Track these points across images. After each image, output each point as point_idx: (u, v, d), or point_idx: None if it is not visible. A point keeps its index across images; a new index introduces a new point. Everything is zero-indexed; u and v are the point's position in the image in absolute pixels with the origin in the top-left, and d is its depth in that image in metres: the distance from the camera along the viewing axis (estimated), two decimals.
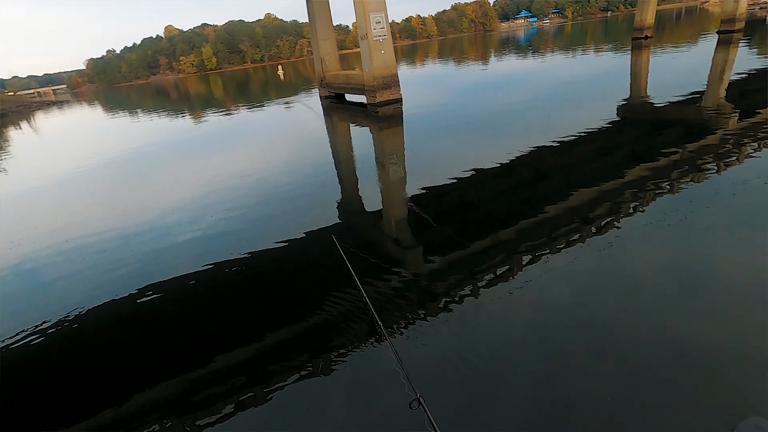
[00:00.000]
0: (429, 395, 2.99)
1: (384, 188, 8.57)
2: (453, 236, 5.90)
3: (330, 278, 5.28)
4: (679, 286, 4.26)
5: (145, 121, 27.34)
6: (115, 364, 4.42)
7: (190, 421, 3.51)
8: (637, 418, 2.94)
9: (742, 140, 7.75)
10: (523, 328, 3.93)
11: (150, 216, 8.64)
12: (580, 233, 5.43)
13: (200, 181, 10.57)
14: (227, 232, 7.15)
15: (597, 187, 6.73)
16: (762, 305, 3.82)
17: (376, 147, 12.13)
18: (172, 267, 6.15)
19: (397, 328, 4.15)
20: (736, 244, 4.82)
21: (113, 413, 3.71)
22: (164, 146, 16.96)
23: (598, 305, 4.11)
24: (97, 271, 6.46)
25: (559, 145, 9.23)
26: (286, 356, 4.06)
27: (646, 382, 3.20)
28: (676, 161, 7.29)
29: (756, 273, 4.27)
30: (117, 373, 4.26)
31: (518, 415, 3.08)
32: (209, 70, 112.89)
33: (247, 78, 63.26)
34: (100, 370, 4.37)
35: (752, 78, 12.52)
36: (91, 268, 6.56)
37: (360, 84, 17.94)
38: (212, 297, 5.39)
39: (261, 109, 23.53)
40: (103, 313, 5.30)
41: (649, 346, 3.52)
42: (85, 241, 7.66)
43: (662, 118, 10.31)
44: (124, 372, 4.25)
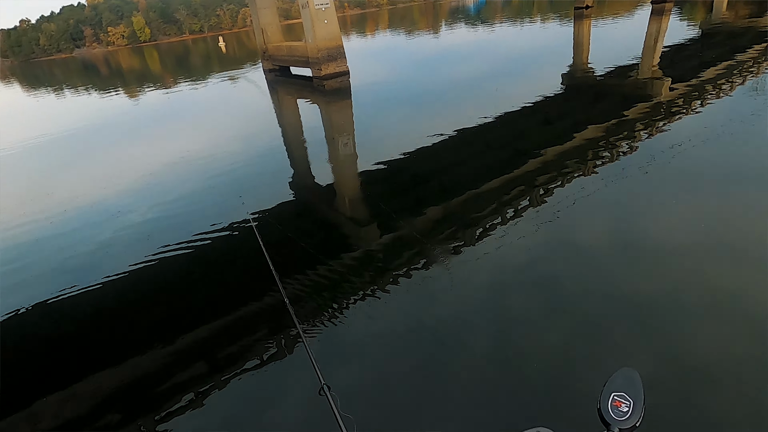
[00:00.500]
0: (390, 360, 3.36)
1: (335, 165, 8.35)
2: (406, 210, 5.85)
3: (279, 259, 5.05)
4: (619, 244, 4.53)
5: (74, 101, 24.93)
6: (47, 359, 4.16)
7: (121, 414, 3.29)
8: (585, 364, 3.15)
9: (673, 107, 8.14)
10: (477, 294, 4.06)
11: (83, 205, 7.94)
12: (528, 200, 5.56)
13: (140, 165, 9.82)
14: (170, 220, 6.68)
15: (543, 157, 6.86)
16: (690, 257, 4.10)
17: (324, 122, 11.71)
18: (110, 259, 5.71)
19: (351, 304, 4.14)
20: (670, 203, 5.09)
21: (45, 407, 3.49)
22: (98, 128, 15.52)
23: (547, 267, 4.29)
24: (20, 266, 5.89)
25: (507, 115, 9.30)
26: (215, 344, 3.91)
27: (592, 331, 3.45)
28: (615, 129, 7.55)
29: (686, 227, 4.57)
30: (50, 368, 4.01)
31: (476, 372, 3.23)
32: (143, 42, 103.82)
33: (186, 51, 58.95)
34: (34, 366, 4.13)
35: (682, 47, 13.18)
36: (11, 263, 5.96)
37: (304, 56, 17.06)
38: (154, 287, 5.09)
39: (203, 85, 22.04)
40: (30, 311, 4.89)
41: (593, 300, 3.77)
42: (10, 234, 6.93)
43: (603, 87, 10.64)
44: (57, 367, 4.00)
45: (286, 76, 19.95)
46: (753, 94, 8.30)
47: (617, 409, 1.04)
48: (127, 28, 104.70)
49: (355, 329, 3.83)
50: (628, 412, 1.03)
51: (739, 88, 8.59)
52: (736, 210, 4.82)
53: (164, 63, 46.02)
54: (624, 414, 1.04)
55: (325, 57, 15.99)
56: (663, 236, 4.52)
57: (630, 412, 1.03)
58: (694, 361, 3.08)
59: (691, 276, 3.91)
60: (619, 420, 1.04)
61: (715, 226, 4.55)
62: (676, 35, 14.37)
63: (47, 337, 4.59)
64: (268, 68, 21.24)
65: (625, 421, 1.03)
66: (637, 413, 1.03)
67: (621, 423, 1.03)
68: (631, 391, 1.07)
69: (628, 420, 1.03)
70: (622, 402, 1.05)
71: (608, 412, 1.06)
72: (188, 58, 47.84)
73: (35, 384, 3.87)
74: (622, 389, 1.08)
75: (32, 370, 4.11)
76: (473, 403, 2.97)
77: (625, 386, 1.08)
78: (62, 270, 5.67)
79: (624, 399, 1.05)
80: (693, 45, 13.31)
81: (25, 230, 7.03)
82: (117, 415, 3.41)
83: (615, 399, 1.06)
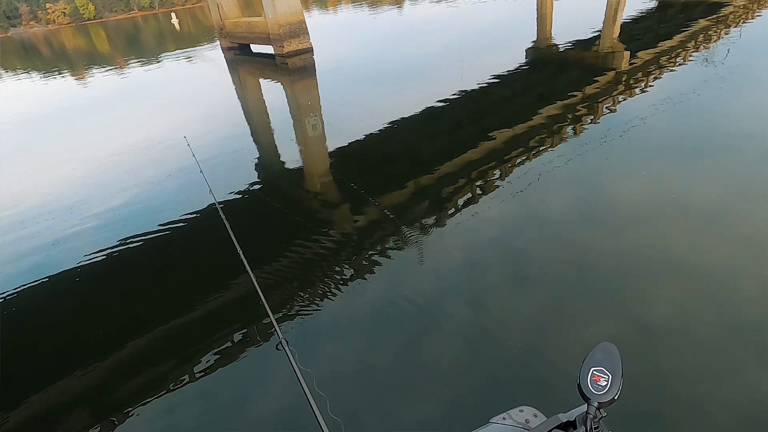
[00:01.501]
0: (374, 337, 3.39)
1: (303, 146, 8.16)
2: (376, 189, 5.82)
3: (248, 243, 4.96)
4: (585, 213, 4.71)
5: (14, 85, 23.01)
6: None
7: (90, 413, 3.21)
8: (554, 331, 3.28)
9: (632, 78, 8.37)
10: (452, 267, 4.13)
11: (35, 198, 7.45)
12: (498, 175, 5.64)
13: (93, 154, 9.29)
14: (136, 209, 6.38)
15: (511, 130, 6.95)
16: (652, 226, 4.29)
17: (290, 102, 11.36)
18: (70, 255, 5.39)
19: (327, 284, 4.13)
20: (632, 173, 5.29)
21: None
22: (43, 116, 14.43)
23: (517, 238, 4.41)
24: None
25: (474, 90, 9.31)
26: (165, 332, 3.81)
27: (559, 297, 3.58)
28: (578, 102, 7.71)
29: (646, 196, 4.77)
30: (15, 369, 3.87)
31: (446, 342, 3.33)
32: (87, 20, 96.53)
33: (137, 29, 55.38)
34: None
35: (640, 18, 13.48)
36: None
37: (265, 33, 16.28)
38: (121, 280, 4.91)
39: (157, 66, 20.80)
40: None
41: (561, 267, 3.92)
42: None
43: (566, 60, 10.78)
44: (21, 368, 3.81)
45: (247, 54, 19.06)
46: (705, 63, 8.63)
47: (596, 384, 1.07)
48: (68, 4, 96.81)
49: (330, 308, 3.83)
50: (606, 386, 1.06)
51: (692, 58, 8.91)
52: (694, 177, 5.05)
53: (113, 42, 43.11)
54: (602, 388, 1.06)
55: (287, 33, 15.35)
56: (626, 204, 4.70)
57: (608, 386, 1.06)
58: (656, 323, 3.25)
59: (654, 241, 4.08)
60: (598, 394, 1.06)
61: (673, 192, 4.76)
62: (635, 7, 14.65)
63: (8, 338, 4.34)
64: (227, 46, 20.21)
65: (604, 395, 1.06)
66: (615, 387, 1.06)
67: (600, 397, 1.06)
68: (609, 365, 1.09)
69: (606, 394, 1.06)
70: (601, 376, 1.08)
71: (587, 387, 1.08)
72: (139, 36, 44.98)
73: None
74: (601, 364, 1.10)
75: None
76: (452, 383, 3.03)
77: (604, 361, 1.11)
78: (20, 265, 5.36)
79: (603, 373, 1.08)
80: (650, 17, 13.64)
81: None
82: (85, 415, 3.30)
83: (594, 374, 1.09)
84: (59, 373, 3.71)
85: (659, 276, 3.66)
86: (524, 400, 1.51)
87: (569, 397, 1.20)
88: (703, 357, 2.95)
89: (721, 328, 3.12)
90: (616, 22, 12.55)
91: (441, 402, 2.89)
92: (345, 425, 1.58)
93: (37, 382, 3.66)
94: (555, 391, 2.75)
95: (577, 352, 2.97)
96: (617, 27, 12.26)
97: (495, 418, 1.40)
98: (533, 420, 1.38)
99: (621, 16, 12.88)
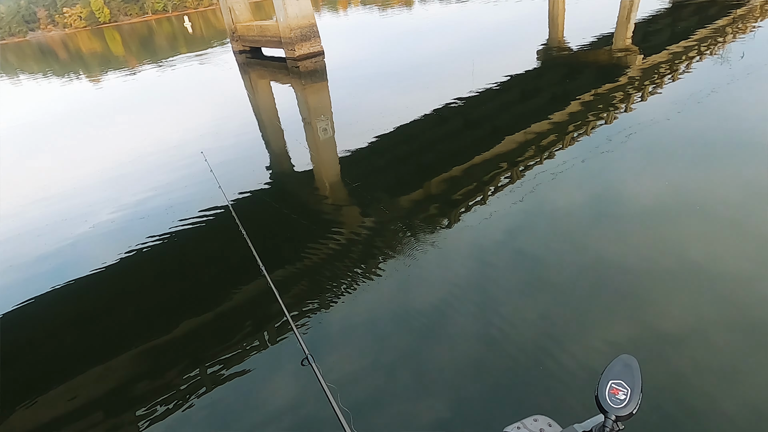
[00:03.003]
0: (383, 340, 3.40)
1: (313, 149, 8.21)
2: (387, 192, 5.85)
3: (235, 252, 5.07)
4: (599, 216, 4.68)
5: (32, 88, 23.58)
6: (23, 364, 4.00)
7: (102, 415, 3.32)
8: (568, 336, 3.24)
9: (646, 79, 8.27)
10: (464, 269, 4.13)
11: (52, 200, 7.64)
12: (509, 177, 5.63)
13: (110, 155, 9.51)
14: (151, 212, 6.50)
15: (522, 132, 6.91)
16: (667, 226, 4.26)
17: (300, 106, 11.44)
18: (89, 257, 5.54)
19: (339, 288, 4.17)
20: (646, 175, 5.23)
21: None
22: (62, 117, 14.85)
23: (529, 242, 4.40)
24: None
25: (485, 92, 9.28)
26: (188, 346, 3.87)
27: (573, 301, 3.55)
28: (591, 102, 7.64)
29: (662, 198, 4.72)
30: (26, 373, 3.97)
31: (460, 347, 3.31)
32: (102, 23, 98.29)
33: (151, 32, 56.17)
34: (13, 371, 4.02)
35: (654, 19, 13.30)
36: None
37: (276, 36, 16.44)
38: (139, 280, 5.05)
39: (171, 69, 21.10)
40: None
41: (576, 271, 3.89)
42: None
43: (578, 61, 10.69)
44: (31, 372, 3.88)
45: (259, 57, 19.25)
46: (721, 63, 8.49)
47: (614, 397, 1.06)
48: (84, 8, 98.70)
49: (341, 311, 3.87)
50: (625, 399, 1.06)
51: (707, 59, 8.77)
52: (711, 178, 4.97)
53: (128, 45, 43.81)
54: (621, 402, 1.06)
55: (298, 37, 15.48)
56: (641, 207, 4.66)
57: (627, 400, 1.06)
58: (669, 325, 3.22)
59: (671, 244, 4.04)
60: (615, 408, 1.06)
61: (688, 194, 4.71)
62: (649, 7, 14.46)
63: (29, 338, 4.46)
64: (239, 49, 20.43)
65: (622, 409, 1.05)
66: (634, 401, 1.05)
67: (618, 410, 1.06)
68: (628, 378, 1.09)
69: (624, 408, 1.05)
70: (620, 390, 1.07)
71: (605, 400, 1.07)
72: (153, 39, 45.63)
73: (12, 388, 3.77)
74: (620, 377, 1.10)
75: (9, 374, 4.01)
76: (465, 390, 3.01)
77: (623, 374, 1.10)
78: (37, 266, 5.51)
79: (621, 387, 1.07)
80: (665, 17, 13.45)
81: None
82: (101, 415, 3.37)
83: (612, 386, 1.08)
84: (66, 375, 3.79)
85: (676, 279, 3.62)
86: (538, 408, 1.52)
87: (584, 407, 1.21)
88: (722, 360, 2.92)
89: (740, 332, 3.08)
90: (630, 22, 12.41)
91: (454, 410, 2.88)
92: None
93: (43, 385, 3.74)
94: (570, 400, 2.73)
95: (593, 360, 2.98)
96: (631, 28, 12.12)
97: (509, 427, 1.40)
98: (548, 429, 1.37)
99: (634, 17, 12.73)
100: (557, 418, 1.39)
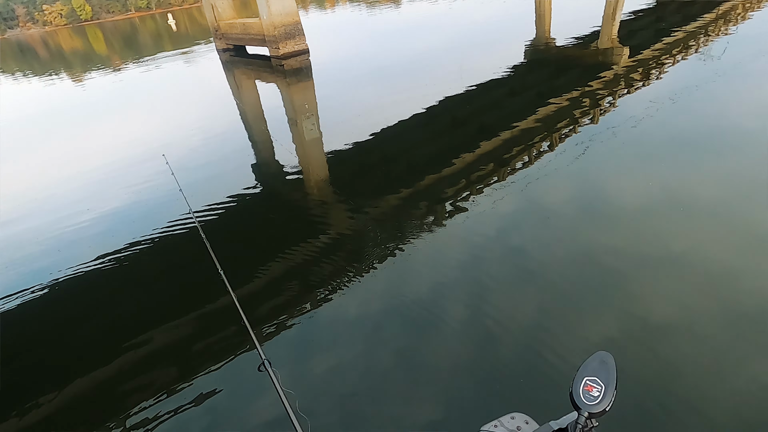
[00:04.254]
0: (371, 337, 3.38)
1: (299, 149, 8.07)
2: (375, 192, 5.77)
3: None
4: (585, 212, 4.67)
5: (11, 87, 22.95)
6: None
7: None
8: (551, 332, 3.21)
9: (631, 75, 8.27)
10: (452, 268, 4.07)
11: (31, 201, 7.52)
12: (497, 175, 5.58)
13: (93, 156, 9.34)
14: (130, 216, 6.31)
15: (509, 131, 6.86)
16: (653, 222, 4.24)
17: (286, 105, 11.25)
18: (60, 261, 5.37)
19: (328, 288, 4.08)
20: (632, 171, 5.25)
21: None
22: (42, 117, 14.49)
23: (517, 239, 4.36)
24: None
25: (473, 90, 9.21)
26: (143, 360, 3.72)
27: (564, 294, 3.54)
28: (578, 100, 7.61)
29: (647, 193, 4.71)
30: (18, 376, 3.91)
31: (439, 345, 3.27)
32: (84, 21, 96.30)
33: (134, 30, 55.20)
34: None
35: (638, 17, 13.36)
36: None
37: (260, 34, 16.11)
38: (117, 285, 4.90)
39: (155, 67, 20.65)
40: None
41: (561, 263, 3.89)
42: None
43: (565, 59, 10.68)
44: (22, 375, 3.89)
45: (243, 56, 18.89)
46: (705, 60, 8.52)
47: (588, 394, 1.05)
48: (64, 5, 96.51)
49: (316, 321, 3.76)
50: (598, 396, 1.04)
51: (691, 56, 8.80)
52: (696, 173, 4.98)
53: (110, 43, 42.96)
54: (594, 399, 1.04)
55: (282, 35, 15.20)
56: (626, 202, 4.65)
57: (601, 397, 1.04)
58: (655, 319, 3.19)
59: (656, 238, 4.03)
60: (589, 404, 1.04)
61: (672, 190, 4.70)
62: (633, 4, 14.52)
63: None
64: (222, 48, 20.05)
65: (595, 406, 1.04)
66: (607, 398, 1.04)
67: (591, 407, 1.04)
68: (603, 375, 1.07)
69: (598, 404, 1.03)
70: (594, 386, 1.05)
71: (579, 397, 1.06)
72: (136, 37, 44.84)
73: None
74: (595, 374, 1.08)
75: None
76: (443, 389, 2.95)
77: (598, 370, 1.08)
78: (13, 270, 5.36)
79: (596, 384, 1.06)
80: (649, 14, 13.51)
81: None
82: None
83: (587, 383, 1.06)
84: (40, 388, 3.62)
85: (661, 273, 3.61)
86: (517, 406, 1.49)
87: (564, 404, 1.15)
88: (707, 353, 2.91)
89: (724, 324, 3.07)
90: (615, 19, 12.43)
91: (432, 410, 2.81)
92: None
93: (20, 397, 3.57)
94: (550, 396, 2.68)
95: (575, 356, 2.94)
96: (616, 24, 12.14)
97: (486, 425, 1.39)
98: (525, 427, 1.37)
99: (620, 14, 12.76)
100: (536, 415, 1.37)
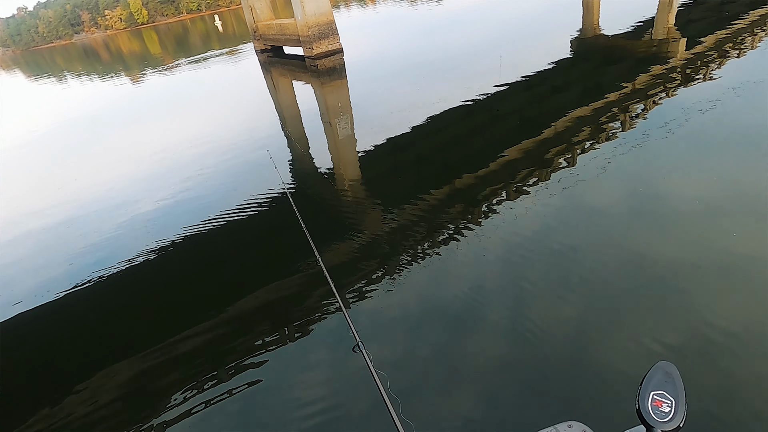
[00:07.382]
0: (414, 334, 3.35)
1: (333, 147, 8.08)
2: (410, 191, 5.60)
3: (287, 241, 5.10)
4: (638, 213, 4.29)
5: (77, 87, 25.01)
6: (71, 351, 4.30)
7: (151, 401, 3.41)
8: (605, 336, 3.03)
9: (690, 68, 7.56)
10: (492, 270, 3.92)
11: (96, 193, 8.23)
12: (538, 174, 5.29)
13: (148, 151, 10.05)
14: (182, 206, 6.75)
15: (552, 127, 6.47)
16: (706, 221, 3.93)
17: (320, 104, 11.30)
18: (127, 248, 5.78)
19: (361, 288, 4.04)
20: (684, 169, 4.81)
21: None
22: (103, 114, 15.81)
23: (564, 240, 4.09)
24: (39, 256, 6.14)
25: (513, 85, 8.81)
26: (248, 326, 3.96)
27: (611, 301, 3.30)
28: (628, 95, 7.04)
29: (700, 193, 4.31)
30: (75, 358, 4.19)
31: (494, 346, 3.16)
32: (141, 24, 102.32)
33: (185, 31, 57.95)
34: (59, 357, 4.26)
35: (698, 4, 12.27)
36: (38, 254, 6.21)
37: (295, 35, 16.18)
38: (167, 275, 5.19)
39: (203, 68, 21.58)
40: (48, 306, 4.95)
41: (614, 270, 3.60)
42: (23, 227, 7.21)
43: (615, 50, 9.96)
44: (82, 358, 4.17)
45: (280, 56, 19.13)
46: None
47: (658, 410, 0.96)
48: (124, 10, 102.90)
49: (387, 300, 3.81)
50: (670, 412, 0.95)
51: (759, 44, 7.92)
52: (754, 173, 4.46)
53: (164, 45, 45.34)
54: (666, 415, 0.95)
55: (316, 35, 15.21)
56: (684, 203, 4.25)
57: (673, 413, 0.95)
58: (717, 328, 2.88)
59: (716, 242, 3.67)
60: (661, 421, 0.94)
61: (732, 190, 4.25)
62: None
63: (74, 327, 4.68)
64: (260, 48, 20.43)
65: (668, 422, 0.94)
66: (680, 414, 0.95)
67: (664, 425, 0.94)
68: (671, 389, 0.98)
69: (671, 421, 0.94)
70: (663, 401, 0.97)
71: (649, 413, 0.96)
72: (187, 38, 47.04)
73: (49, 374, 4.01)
74: (662, 387, 0.99)
75: (47, 363, 4.23)
76: (498, 391, 2.85)
77: (665, 384, 1.00)
78: (86, 257, 5.80)
79: (664, 398, 0.97)
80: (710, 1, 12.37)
81: (41, 224, 7.20)
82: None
83: (655, 398, 0.98)
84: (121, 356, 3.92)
85: (722, 279, 3.27)
86: (572, 414, 1.41)
87: (622, 415, 1.06)
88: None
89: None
90: (672, 7, 11.47)
91: (487, 409, 2.73)
92: (416, 427, 1.68)
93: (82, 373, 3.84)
94: (607, 405, 2.54)
95: (632, 364, 2.75)
96: (673, 13, 11.20)
97: (542, 431, 1.33)
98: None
99: (677, 1, 11.77)
100: (593, 425, 1.29)
